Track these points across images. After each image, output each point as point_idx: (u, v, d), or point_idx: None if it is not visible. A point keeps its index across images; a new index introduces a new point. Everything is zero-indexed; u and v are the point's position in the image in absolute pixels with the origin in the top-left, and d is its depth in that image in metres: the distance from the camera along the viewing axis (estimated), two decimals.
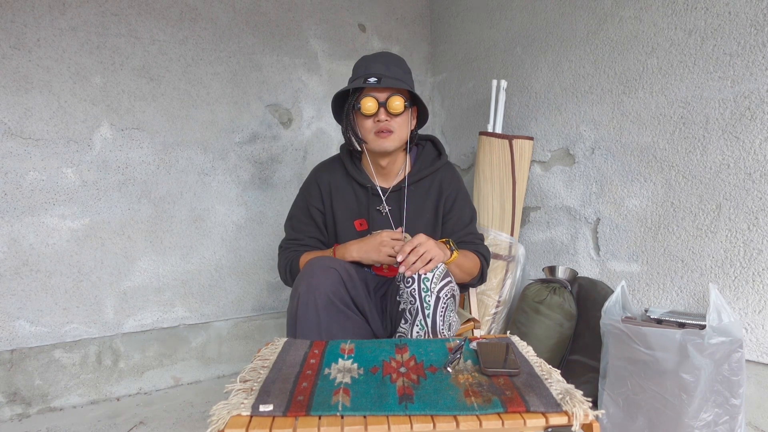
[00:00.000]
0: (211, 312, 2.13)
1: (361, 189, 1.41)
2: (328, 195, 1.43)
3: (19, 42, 1.74)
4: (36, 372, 1.80)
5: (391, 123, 1.30)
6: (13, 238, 1.76)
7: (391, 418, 0.78)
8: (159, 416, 1.77)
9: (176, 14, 2.00)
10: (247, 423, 0.77)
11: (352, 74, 1.40)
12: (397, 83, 1.30)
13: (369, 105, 1.28)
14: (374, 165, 1.41)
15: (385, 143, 1.31)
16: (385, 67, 1.32)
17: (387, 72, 1.31)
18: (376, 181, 1.42)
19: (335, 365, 0.98)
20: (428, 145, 1.47)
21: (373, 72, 1.30)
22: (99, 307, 1.91)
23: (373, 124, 1.31)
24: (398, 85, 1.29)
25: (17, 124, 1.75)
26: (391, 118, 1.30)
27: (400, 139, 1.34)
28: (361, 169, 1.43)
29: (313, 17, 2.30)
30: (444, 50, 2.59)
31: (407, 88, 1.32)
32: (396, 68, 1.34)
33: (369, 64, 1.34)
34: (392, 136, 1.31)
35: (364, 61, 1.36)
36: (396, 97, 1.28)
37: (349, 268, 1.24)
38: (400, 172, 1.42)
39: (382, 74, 1.30)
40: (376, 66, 1.32)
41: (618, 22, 1.71)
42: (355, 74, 1.37)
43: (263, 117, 2.20)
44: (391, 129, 1.30)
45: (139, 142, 1.95)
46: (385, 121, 1.30)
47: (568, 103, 1.91)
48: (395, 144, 1.33)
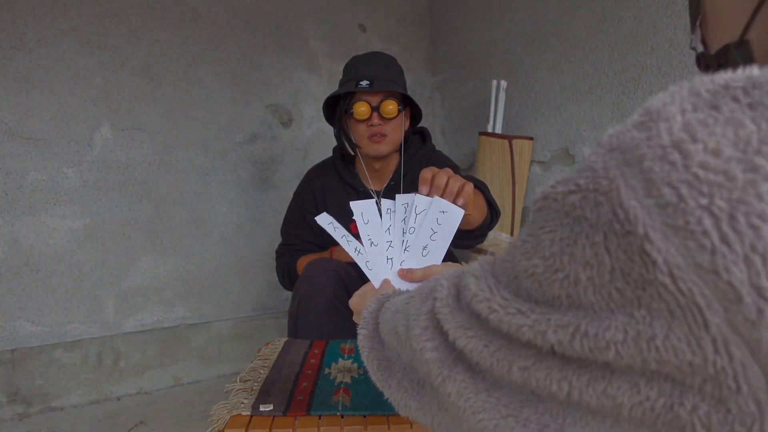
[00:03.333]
0: (211, 312, 2.13)
1: (355, 192, 1.40)
2: (322, 199, 1.42)
3: (20, 42, 1.74)
4: (36, 372, 1.80)
5: (384, 127, 1.28)
6: (13, 238, 1.76)
7: (391, 418, 0.78)
8: (159, 416, 1.78)
9: (176, 14, 2.00)
10: (247, 423, 0.78)
11: (342, 75, 1.37)
12: (390, 85, 1.27)
13: (362, 110, 1.25)
14: (368, 167, 1.39)
15: (379, 148, 1.29)
16: (377, 68, 1.29)
17: (379, 73, 1.28)
18: (369, 184, 1.40)
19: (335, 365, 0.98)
20: (415, 138, 1.44)
21: (364, 74, 1.27)
22: (99, 307, 1.91)
23: (366, 128, 1.28)
24: (391, 88, 1.26)
25: (18, 124, 1.75)
26: (385, 122, 1.28)
27: (395, 143, 1.32)
28: (354, 173, 1.41)
29: (313, 17, 2.30)
30: (444, 50, 2.59)
31: (400, 90, 1.29)
32: (388, 69, 1.31)
33: (360, 65, 1.31)
34: (386, 140, 1.29)
35: (355, 63, 1.34)
36: (389, 101, 1.25)
37: (350, 270, 1.25)
38: (394, 173, 1.41)
39: (374, 76, 1.26)
40: (368, 68, 1.29)
41: (618, 22, 1.71)
42: (346, 75, 1.34)
43: (263, 117, 2.20)
44: (384, 133, 1.28)
45: (140, 142, 1.95)
46: (378, 125, 1.27)
47: (568, 103, 1.91)
48: (390, 148, 1.31)
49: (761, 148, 0.23)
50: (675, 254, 0.24)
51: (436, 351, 0.40)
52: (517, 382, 0.33)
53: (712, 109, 0.25)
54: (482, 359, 0.35)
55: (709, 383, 0.25)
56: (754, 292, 0.22)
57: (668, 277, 0.25)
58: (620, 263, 0.26)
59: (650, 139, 0.26)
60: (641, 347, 0.26)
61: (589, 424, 0.30)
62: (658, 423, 0.27)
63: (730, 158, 0.24)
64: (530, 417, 0.33)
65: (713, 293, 0.23)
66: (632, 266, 0.26)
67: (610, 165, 0.27)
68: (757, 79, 0.25)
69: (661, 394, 0.26)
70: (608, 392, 0.28)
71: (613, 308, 0.27)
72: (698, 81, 0.27)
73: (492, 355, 0.34)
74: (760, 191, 0.23)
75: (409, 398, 0.46)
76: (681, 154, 0.25)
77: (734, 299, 0.23)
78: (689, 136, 0.25)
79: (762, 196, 0.23)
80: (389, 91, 1.28)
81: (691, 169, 0.24)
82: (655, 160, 0.25)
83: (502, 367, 0.34)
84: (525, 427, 0.33)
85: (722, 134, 0.24)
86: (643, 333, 0.26)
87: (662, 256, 0.25)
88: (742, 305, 0.23)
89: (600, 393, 0.29)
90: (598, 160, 0.28)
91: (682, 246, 0.24)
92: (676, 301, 0.25)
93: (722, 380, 0.24)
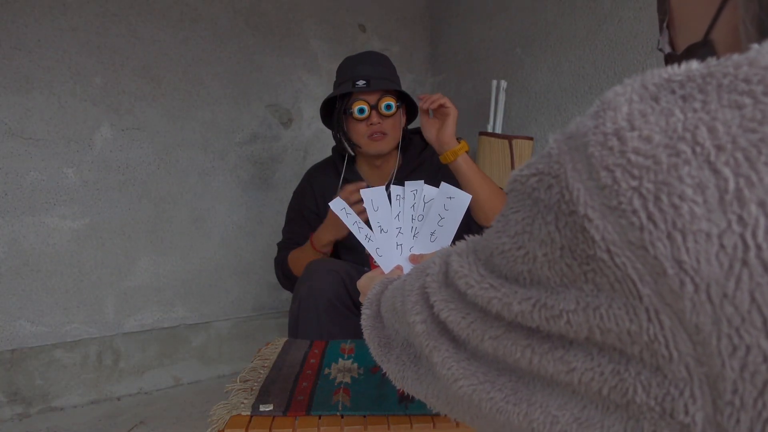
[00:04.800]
0: (211, 312, 2.13)
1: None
2: (322, 197, 1.42)
3: (20, 42, 1.74)
4: (36, 372, 1.80)
5: (383, 125, 1.30)
6: (13, 238, 1.76)
7: (391, 418, 0.78)
8: (159, 416, 1.78)
9: (177, 14, 2.00)
10: (247, 423, 0.78)
11: (336, 77, 1.39)
12: (387, 83, 1.30)
13: (361, 109, 1.28)
14: (368, 166, 1.41)
15: (380, 146, 1.32)
16: (372, 67, 1.32)
17: (374, 72, 1.31)
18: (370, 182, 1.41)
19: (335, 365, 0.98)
20: (416, 138, 1.46)
21: (360, 74, 1.30)
22: (99, 307, 1.91)
23: (366, 127, 1.30)
24: (387, 86, 1.29)
25: (18, 124, 1.75)
26: (383, 119, 1.30)
27: (395, 140, 1.34)
28: (354, 171, 1.43)
29: (313, 17, 2.30)
30: (444, 50, 2.59)
31: (397, 88, 1.32)
32: (382, 68, 1.34)
33: (355, 65, 1.33)
34: (386, 138, 1.31)
35: (349, 63, 1.36)
36: (386, 98, 1.28)
37: (351, 270, 1.25)
38: (394, 170, 1.42)
39: (370, 76, 1.29)
40: (363, 67, 1.31)
41: (618, 22, 1.71)
42: (341, 77, 1.36)
43: (263, 117, 2.20)
44: (384, 131, 1.30)
45: (140, 142, 1.95)
46: (377, 123, 1.29)
47: (568, 103, 1.91)
48: (390, 146, 1.33)
49: (684, 135, 0.25)
50: (611, 232, 0.27)
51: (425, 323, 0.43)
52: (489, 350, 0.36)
53: (653, 100, 0.27)
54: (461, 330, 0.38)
55: (645, 351, 0.27)
56: (676, 265, 0.24)
57: (606, 253, 0.27)
58: (567, 240, 0.29)
59: (597, 127, 0.28)
60: (588, 315, 0.28)
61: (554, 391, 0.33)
62: (606, 387, 0.29)
63: (658, 144, 0.26)
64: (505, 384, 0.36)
65: (644, 267, 0.26)
66: (577, 243, 0.28)
67: (563, 150, 0.30)
68: (693, 73, 0.27)
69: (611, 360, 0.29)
70: (565, 359, 0.31)
71: (567, 283, 0.30)
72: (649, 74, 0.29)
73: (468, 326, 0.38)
74: (681, 174, 0.25)
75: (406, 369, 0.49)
76: (619, 141, 0.27)
77: (660, 272, 0.25)
78: (628, 125, 0.27)
79: (682, 178, 0.25)
80: (385, 90, 1.30)
81: (625, 154, 0.26)
82: (597, 146, 0.27)
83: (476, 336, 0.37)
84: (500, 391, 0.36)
85: (655, 123, 0.26)
86: (591, 304, 0.28)
87: (600, 233, 0.27)
88: (667, 278, 0.25)
89: (557, 359, 0.31)
90: (555, 147, 0.30)
91: (617, 224, 0.26)
92: (614, 274, 0.27)
93: (656, 348, 0.26)
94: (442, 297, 0.41)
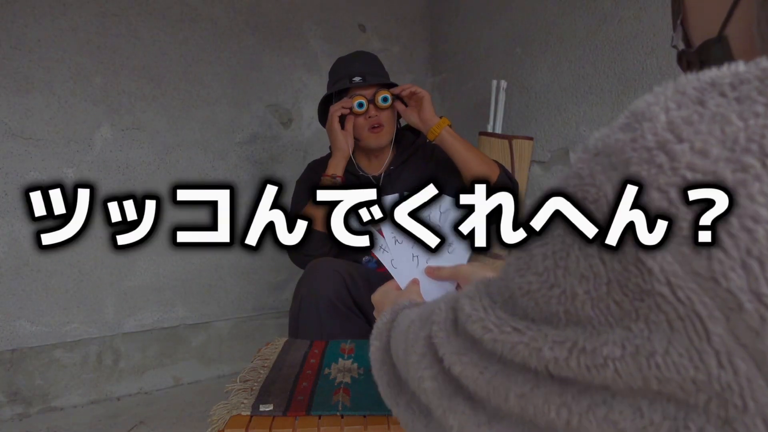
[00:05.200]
0: (211, 312, 2.13)
1: (355, 177, 1.49)
2: None
3: (20, 42, 1.74)
4: (36, 372, 1.80)
5: (381, 117, 1.40)
6: (13, 238, 1.76)
7: (391, 418, 0.78)
8: (159, 416, 1.78)
9: (177, 14, 2.00)
10: (247, 423, 0.78)
11: (330, 78, 1.50)
12: (381, 79, 1.42)
13: (360, 103, 1.38)
14: (366, 158, 1.50)
15: (379, 138, 1.41)
16: (364, 65, 1.44)
17: (367, 69, 1.43)
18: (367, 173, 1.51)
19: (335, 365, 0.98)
20: (407, 133, 1.56)
21: (355, 71, 1.41)
22: (99, 307, 1.91)
23: (365, 120, 1.40)
24: (382, 81, 1.41)
25: (18, 124, 1.75)
26: (380, 112, 1.40)
27: (392, 132, 1.45)
28: (352, 163, 1.51)
29: (313, 17, 2.30)
30: (444, 50, 2.59)
31: (389, 82, 1.43)
32: (374, 65, 1.46)
33: (348, 64, 1.45)
34: (384, 129, 1.41)
35: (342, 62, 1.47)
36: (382, 92, 1.39)
37: (352, 269, 1.25)
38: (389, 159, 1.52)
39: (365, 72, 1.41)
40: (356, 65, 1.43)
41: (618, 22, 1.71)
42: (334, 76, 1.47)
43: (263, 117, 2.20)
44: (382, 123, 1.40)
45: (140, 142, 1.95)
46: (375, 116, 1.39)
47: (568, 103, 1.91)
48: (388, 137, 1.43)
49: (749, 146, 0.22)
50: (671, 262, 0.23)
51: (435, 380, 0.37)
52: (515, 411, 0.31)
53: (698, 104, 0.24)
54: (479, 387, 0.33)
55: (714, 402, 0.23)
56: (754, 298, 0.21)
57: (666, 287, 0.23)
58: (616, 274, 0.25)
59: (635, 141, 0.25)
60: (640, 364, 0.24)
61: None
62: None
63: (718, 158, 0.23)
64: None
65: (713, 301, 0.22)
66: (629, 276, 0.25)
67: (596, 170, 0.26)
68: (744, 74, 0.25)
69: (666, 417, 0.24)
70: (609, 418, 0.26)
71: (612, 322, 0.26)
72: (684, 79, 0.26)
73: (488, 383, 0.32)
74: (751, 192, 0.22)
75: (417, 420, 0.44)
76: (667, 156, 0.24)
77: (735, 307, 0.22)
78: (674, 136, 0.24)
79: (754, 197, 0.21)
80: (379, 84, 1.42)
81: (678, 171, 0.23)
82: (642, 164, 0.24)
83: (498, 395, 0.32)
84: None
85: (708, 132, 0.23)
86: (642, 348, 0.24)
87: (658, 264, 0.23)
88: (744, 313, 0.21)
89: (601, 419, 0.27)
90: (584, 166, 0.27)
91: (678, 252, 0.23)
92: (675, 311, 0.23)
93: (728, 398, 0.22)
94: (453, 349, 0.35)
